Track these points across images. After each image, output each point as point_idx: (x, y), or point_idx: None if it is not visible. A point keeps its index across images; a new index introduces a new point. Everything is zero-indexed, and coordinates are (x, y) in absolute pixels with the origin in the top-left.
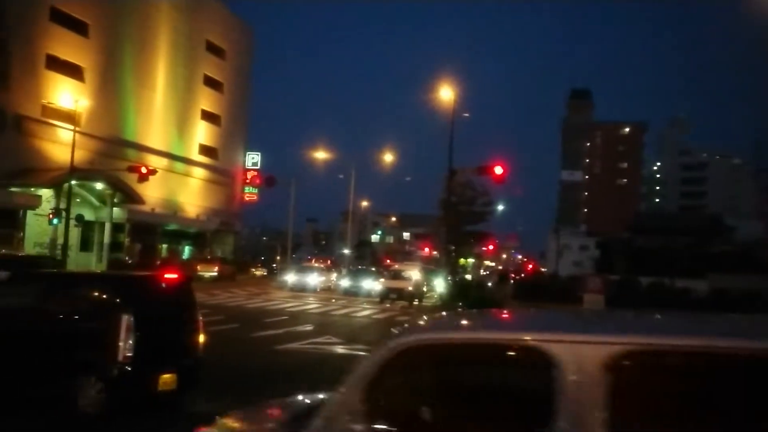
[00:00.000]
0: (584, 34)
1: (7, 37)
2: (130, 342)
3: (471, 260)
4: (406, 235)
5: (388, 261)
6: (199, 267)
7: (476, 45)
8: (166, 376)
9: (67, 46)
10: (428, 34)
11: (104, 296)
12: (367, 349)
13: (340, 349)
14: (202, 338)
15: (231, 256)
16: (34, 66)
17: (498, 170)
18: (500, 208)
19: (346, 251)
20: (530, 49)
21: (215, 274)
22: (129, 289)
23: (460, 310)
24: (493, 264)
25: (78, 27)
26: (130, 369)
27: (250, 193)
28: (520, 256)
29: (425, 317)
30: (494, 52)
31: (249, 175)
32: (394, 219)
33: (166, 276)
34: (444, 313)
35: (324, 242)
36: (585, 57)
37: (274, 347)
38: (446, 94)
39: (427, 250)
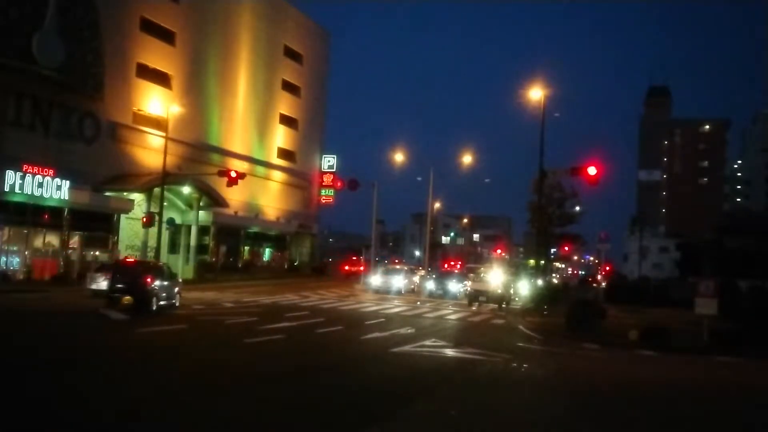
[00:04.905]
0: (662, 30)
1: (102, 47)
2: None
3: (542, 262)
4: (475, 236)
5: (455, 263)
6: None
7: (550, 43)
8: (127, 297)
9: (155, 55)
10: (504, 34)
11: None
12: (478, 353)
13: (451, 352)
14: (149, 282)
15: (308, 258)
16: (125, 74)
17: (591, 171)
18: (577, 209)
19: (418, 253)
20: (605, 46)
21: None
22: (113, 265)
23: (545, 312)
24: (563, 266)
25: (166, 36)
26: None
27: (327, 196)
28: (591, 258)
29: None
30: (568, 50)
31: (326, 177)
32: (466, 220)
33: (128, 260)
34: None
35: (391, 244)
36: (662, 53)
37: (390, 350)
38: (536, 94)
39: (499, 251)
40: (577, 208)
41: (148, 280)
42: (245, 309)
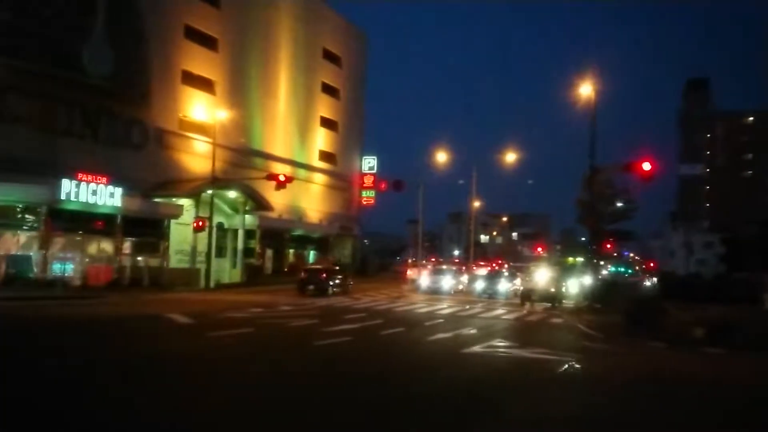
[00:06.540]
0: (701, 20)
1: (147, 55)
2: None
3: (579, 259)
4: (514, 234)
5: (501, 263)
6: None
7: (586, 36)
8: (311, 287)
9: (199, 61)
10: (539, 32)
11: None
12: (549, 353)
13: (522, 353)
14: (333, 282)
15: (350, 259)
16: (171, 82)
17: (646, 166)
18: (620, 204)
19: (456, 252)
20: (643, 38)
21: None
22: (310, 270)
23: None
24: (602, 263)
25: (209, 42)
26: (303, 280)
27: (368, 197)
28: (631, 254)
29: None
30: (604, 42)
31: (366, 179)
32: (505, 219)
33: (324, 266)
34: None
35: (428, 244)
36: (702, 44)
37: (461, 351)
38: (586, 90)
39: (540, 250)
40: (621, 204)
41: (324, 276)
42: (303, 311)
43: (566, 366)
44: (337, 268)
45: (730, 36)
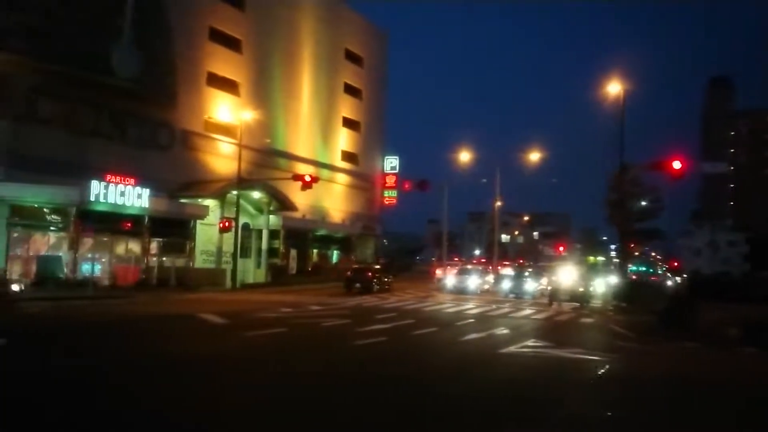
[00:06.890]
0: (725, 18)
1: (174, 58)
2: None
3: (600, 258)
4: (534, 234)
5: (523, 262)
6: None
7: (607, 36)
8: (357, 285)
9: (224, 63)
10: (560, 27)
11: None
12: (586, 352)
13: (560, 353)
14: (377, 280)
15: (372, 259)
16: (196, 83)
17: (676, 165)
18: (643, 203)
19: (477, 252)
20: (666, 37)
21: None
22: (356, 269)
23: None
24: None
25: (233, 44)
26: (350, 278)
27: (390, 197)
28: (653, 253)
29: None
30: (626, 41)
31: (388, 179)
32: (526, 218)
33: (368, 266)
34: None
35: (447, 243)
36: (724, 43)
37: (497, 351)
38: (614, 88)
39: (562, 249)
40: (646, 203)
41: (369, 274)
42: (333, 311)
43: (606, 366)
44: (378, 267)
45: (754, 34)
